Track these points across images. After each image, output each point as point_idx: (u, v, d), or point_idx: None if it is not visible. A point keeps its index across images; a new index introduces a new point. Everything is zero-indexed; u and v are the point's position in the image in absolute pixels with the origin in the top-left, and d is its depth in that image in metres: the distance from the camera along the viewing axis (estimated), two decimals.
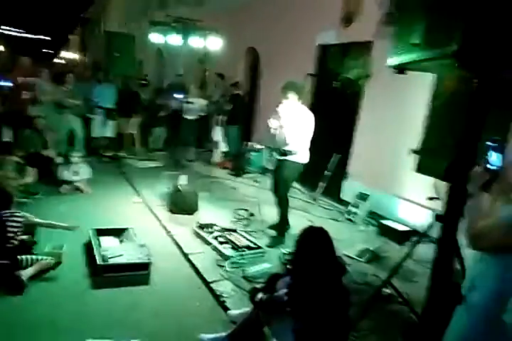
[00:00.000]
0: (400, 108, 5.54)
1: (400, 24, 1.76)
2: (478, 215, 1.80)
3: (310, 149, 4.71)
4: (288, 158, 4.61)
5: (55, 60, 26.23)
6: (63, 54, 32.31)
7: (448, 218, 1.82)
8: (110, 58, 7.62)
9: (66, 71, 9.19)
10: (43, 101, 7.34)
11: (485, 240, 1.72)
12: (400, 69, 1.80)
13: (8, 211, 3.66)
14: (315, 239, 2.58)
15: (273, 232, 4.88)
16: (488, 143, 1.91)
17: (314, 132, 4.71)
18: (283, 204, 4.79)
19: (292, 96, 4.57)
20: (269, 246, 4.53)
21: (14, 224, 3.61)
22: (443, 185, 2.35)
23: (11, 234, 3.58)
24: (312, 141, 4.72)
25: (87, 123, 8.21)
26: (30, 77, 7.52)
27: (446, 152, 2.58)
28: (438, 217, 2.36)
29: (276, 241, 4.62)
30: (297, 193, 6.57)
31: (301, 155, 4.62)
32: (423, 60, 1.51)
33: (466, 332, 1.78)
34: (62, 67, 16.37)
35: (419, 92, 5.27)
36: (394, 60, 1.80)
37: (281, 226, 4.80)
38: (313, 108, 4.70)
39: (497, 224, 1.67)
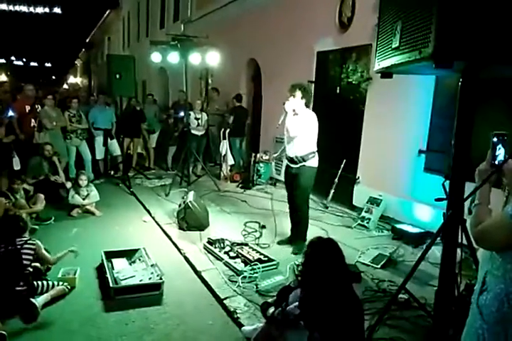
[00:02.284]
0: (404, 109, 5.49)
1: (382, 29, 1.74)
2: (485, 213, 1.75)
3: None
4: (305, 163, 4.60)
5: (60, 86, 26.71)
6: (69, 79, 32.93)
7: (450, 216, 1.77)
8: (111, 80, 7.69)
9: (70, 96, 9.35)
10: (49, 127, 7.45)
11: (491, 238, 1.67)
12: (385, 73, 1.78)
13: (22, 239, 3.69)
14: (323, 250, 2.54)
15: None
16: (494, 139, 1.86)
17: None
18: (304, 214, 4.78)
19: (298, 95, 4.57)
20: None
21: (29, 251, 3.64)
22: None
23: (27, 262, 3.60)
24: (319, 148, 4.70)
25: (91, 146, 8.29)
26: (36, 105, 7.67)
27: (449, 151, 2.54)
28: (444, 216, 2.31)
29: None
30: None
31: (315, 158, 4.64)
32: (403, 64, 1.49)
33: (479, 333, 1.72)
34: (66, 93, 16.64)
35: (422, 92, 5.23)
36: (379, 65, 1.78)
37: (303, 232, 4.78)
38: (317, 115, 4.68)
39: (502, 221, 1.62)
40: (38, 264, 3.88)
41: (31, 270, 3.67)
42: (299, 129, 4.51)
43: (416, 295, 3.54)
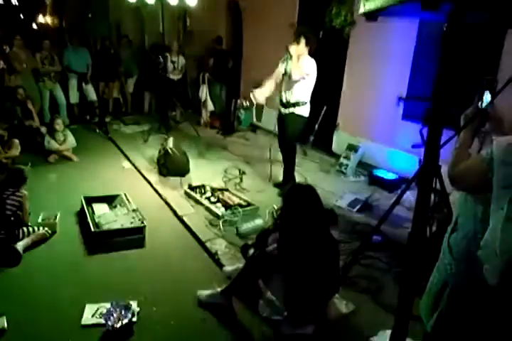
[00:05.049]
0: (386, 55, 5.41)
1: None
2: (463, 156, 1.79)
3: None
4: (295, 111, 4.63)
5: (29, 25, 25.16)
6: (38, 19, 31.03)
7: (425, 162, 1.82)
8: (84, 20, 7.29)
9: (41, 37, 8.87)
10: (20, 70, 7.13)
11: (464, 180, 1.73)
12: (370, 15, 1.74)
13: (10, 189, 3.70)
14: (301, 196, 2.60)
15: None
16: (483, 83, 1.88)
17: None
18: (291, 156, 4.92)
19: (303, 42, 4.49)
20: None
21: (14, 202, 3.66)
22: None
23: (9, 212, 3.62)
24: None
25: (65, 89, 8.00)
26: (3, 46, 7.27)
27: (429, 98, 2.55)
28: (420, 162, 2.36)
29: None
30: None
31: (306, 107, 4.66)
32: (389, 5, 1.45)
33: (447, 268, 1.83)
34: (36, 33, 15.74)
35: (405, 39, 5.14)
36: (364, 7, 1.73)
37: (289, 177, 4.94)
38: None
39: (476, 161, 1.67)
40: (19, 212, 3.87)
41: (13, 219, 3.67)
42: (302, 75, 4.48)
43: (390, 236, 3.73)
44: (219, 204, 4.41)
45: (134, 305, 2.84)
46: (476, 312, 1.70)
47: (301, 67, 4.48)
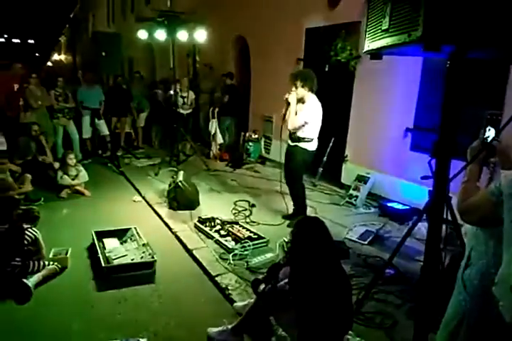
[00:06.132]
0: (392, 87, 5.51)
1: (372, 10, 1.75)
2: (472, 189, 1.80)
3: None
4: (298, 144, 4.68)
5: (45, 63, 26.06)
6: (53, 56, 32.12)
7: (435, 194, 1.83)
8: (98, 58, 7.56)
9: (55, 74, 9.18)
10: (35, 107, 7.34)
11: (474, 214, 1.72)
12: (374, 54, 1.80)
13: (27, 225, 3.82)
14: (309, 229, 2.59)
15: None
16: (487, 118, 1.91)
17: None
18: (298, 192, 4.92)
19: (299, 84, 4.58)
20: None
21: (31, 235, 3.74)
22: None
23: (26, 242, 3.69)
24: None
25: (79, 125, 8.20)
26: (24, 84, 7.53)
27: (436, 129, 2.59)
28: (429, 194, 2.36)
29: None
30: None
31: (313, 143, 4.72)
32: (392, 46, 1.50)
33: (462, 304, 1.80)
34: (50, 71, 16.28)
35: (410, 71, 5.24)
36: (368, 46, 1.79)
37: (299, 209, 4.93)
38: None
39: (485, 195, 1.67)
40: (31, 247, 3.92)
41: (27, 249, 3.71)
42: (295, 125, 4.61)
43: (402, 270, 3.66)
44: (229, 238, 4.39)
45: None
46: None
47: (298, 117, 4.58)
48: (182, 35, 7.28)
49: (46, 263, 3.77)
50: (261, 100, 8.52)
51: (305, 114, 4.57)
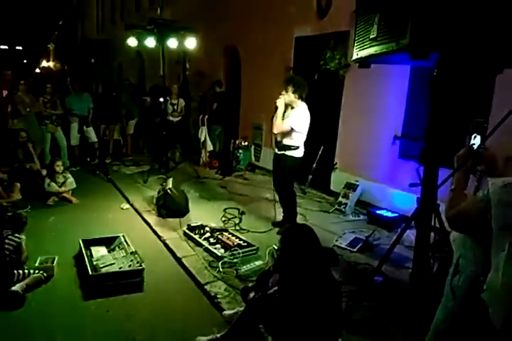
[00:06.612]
0: (381, 96, 5.57)
1: (360, 19, 1.77)
2: (459, 198, 1.81)
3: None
4: (286, 152, 4.68)
5: (34, 70, 25.88)
6: (42, 63, 31.94)
7: (423, 201, 1.84)
8: (87, 65, 7.53)
9: (44, 81, 9.12)
10: (24, 113, 7.28)
11: (462, 222, 1.74)
12: (363, 63, 1.82)
13: (9, 231, 3.76)
14: (297, 236, 2.59)
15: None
16: (472, 126, 1.94)
17: None
18: (289, 199, 4.90)
19: (290, 90, 4.59)
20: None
21: (12, 242, 3.69)
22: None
23: (7, 252, 3.62)
24: None
25: (67, 132, 8.14)
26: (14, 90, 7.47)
27: (423, 137, 2.62)
28: (418, 201, 2.38)
29: None
30: None
31: (299, 151, 4.72)
32: (380, 54, 1.53)
33: (451, 311, 1.81)
34: (39, 77, 16.18)
35: (398, 80, 5.30)
36: (357, 55, 1.81)
37: (288, 216, 4.92)
38: None
39: (473, 203, 1.68)
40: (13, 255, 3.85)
41: (8, 259, 3.65)
42: (280, 130, 4.63)
43: (391, 277, 3.67)
44: (218, 246, 4.37)
45: None
46: None
47: (285, 122, 4.59)
48: (172, 43, 7.30)
49: (31, 271, 3.71)
50: (251, 108, 8.55)
51: (292, 120, 4.58)
